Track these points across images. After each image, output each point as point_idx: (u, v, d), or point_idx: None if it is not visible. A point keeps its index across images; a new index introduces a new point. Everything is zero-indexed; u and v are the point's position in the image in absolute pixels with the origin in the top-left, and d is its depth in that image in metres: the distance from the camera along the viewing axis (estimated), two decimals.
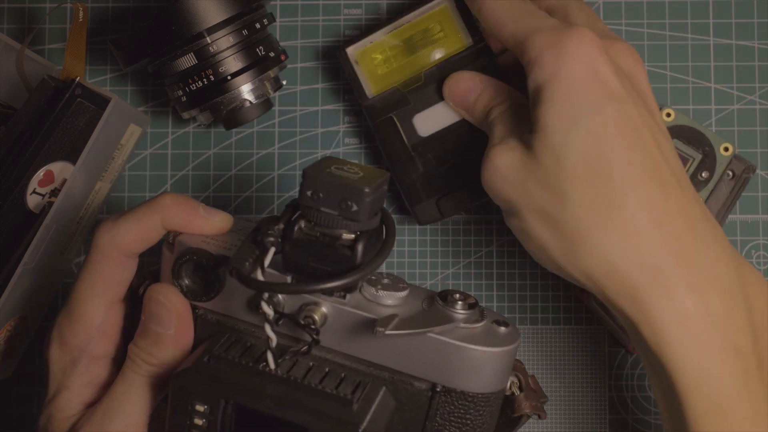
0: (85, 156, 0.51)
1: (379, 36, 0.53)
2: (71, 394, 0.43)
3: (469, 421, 0.40)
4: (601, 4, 0.57)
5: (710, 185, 0.56)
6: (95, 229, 0.43)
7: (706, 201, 0.56)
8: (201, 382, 0.38)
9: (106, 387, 0.43)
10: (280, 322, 0.39)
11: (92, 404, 0.43)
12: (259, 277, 0.37)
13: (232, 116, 0.52)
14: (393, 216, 0.40)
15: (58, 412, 0.43)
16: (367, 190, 0.36)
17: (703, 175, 0.56)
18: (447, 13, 0.52)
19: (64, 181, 0.52)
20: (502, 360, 0.40)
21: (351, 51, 0.53)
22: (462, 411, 0.40)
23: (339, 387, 0.38)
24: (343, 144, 0.57)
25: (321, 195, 0.36)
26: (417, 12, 0.52)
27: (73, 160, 0.52)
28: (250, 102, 0.51)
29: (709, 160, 0.56)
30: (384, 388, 0.39)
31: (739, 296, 0.42)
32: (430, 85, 0.52)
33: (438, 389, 0.40)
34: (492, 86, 0.49)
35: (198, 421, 0.38)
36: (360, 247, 0.37)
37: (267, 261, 0.37)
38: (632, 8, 0.57)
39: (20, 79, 0.52)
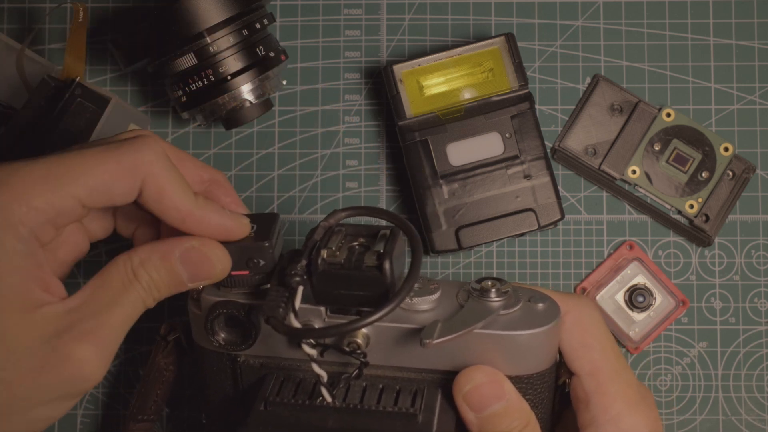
0: None
1: (429, 61, 0.53)
2: None
3: (529, 401, 0.40)
4: (601, 4, 0.57)
5: (710, 185, 0.56)
6: None
7: (706, 201, 0.56)
8: (263, 431, 0.38)
9: None
10: (325, 353, 0.38)
11: None
12: (294, 322, 0.36)
13: (232, 116, 0.52)
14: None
15: None
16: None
17: (703, 175, 0.56)
18: (500, 53, 0.53)
19: None
20: (547, 337, 0.39)
21: (398, 69, 0.53)
22: (521, 393, 0.40)
23: (398, 401, 0.38)
24: (343, 144, 0.57)
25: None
26: (472, 46, 0.53)
27: None
28: (250, 102, 0.51)
29: (709, 160, 0.56)
30: (440, 390, 0.39)
31: None
32: (469, 119, 0.53)
33: None
34: (518, 403, 0.41)
35: None
36: (388, 266, 0.36)
37: (297, 303, 0.37)
38: (632, 8, 0.57)
39: (20, 79, 0.52)
